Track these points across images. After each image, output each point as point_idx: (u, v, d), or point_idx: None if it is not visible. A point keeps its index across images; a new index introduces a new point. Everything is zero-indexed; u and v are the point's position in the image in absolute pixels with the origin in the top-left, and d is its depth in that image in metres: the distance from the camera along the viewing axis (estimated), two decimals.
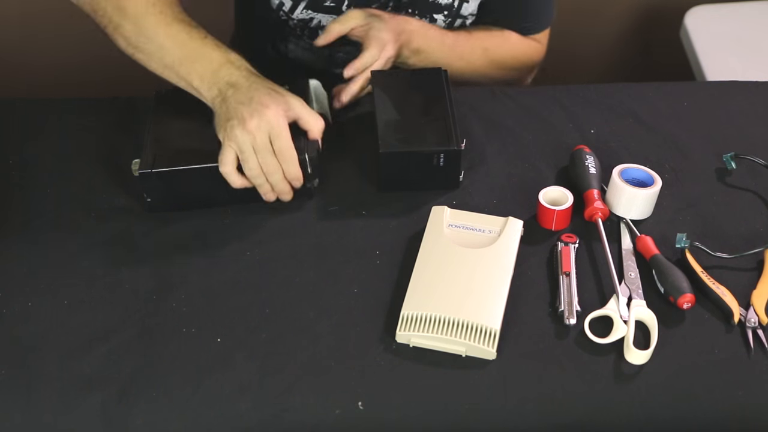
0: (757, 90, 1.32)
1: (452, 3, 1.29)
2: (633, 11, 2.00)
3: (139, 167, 1.06)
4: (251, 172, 1.04)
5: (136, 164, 1.07)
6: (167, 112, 1.14)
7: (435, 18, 1.30)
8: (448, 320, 0.95)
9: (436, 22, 1.30)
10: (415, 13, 1.29)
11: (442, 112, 1.14)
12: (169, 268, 1.04)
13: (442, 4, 1.29)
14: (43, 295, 1.02)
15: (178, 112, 1.13)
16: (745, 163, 1.17)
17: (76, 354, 0.96)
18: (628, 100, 1.28)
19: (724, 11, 1.82)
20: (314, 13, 1.29)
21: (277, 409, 0.91)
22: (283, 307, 1.00)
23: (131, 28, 1.11)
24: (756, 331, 0.98)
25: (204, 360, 0.95)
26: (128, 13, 1.10)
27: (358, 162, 1.17)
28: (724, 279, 1.02)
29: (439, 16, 1.30)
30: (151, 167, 1.06)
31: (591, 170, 1.12)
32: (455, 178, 1.13)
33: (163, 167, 1.06)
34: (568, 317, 0.97)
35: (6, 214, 1.11)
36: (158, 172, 1.06)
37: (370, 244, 1.07)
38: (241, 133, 1.02)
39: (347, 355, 0.95)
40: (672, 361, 0.95)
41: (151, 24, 1.10)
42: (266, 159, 1.04)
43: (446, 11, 1.29)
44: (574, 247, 1.05)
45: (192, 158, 1.07)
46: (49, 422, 0.91)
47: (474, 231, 1.05)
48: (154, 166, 1.06)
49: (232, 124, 1.03)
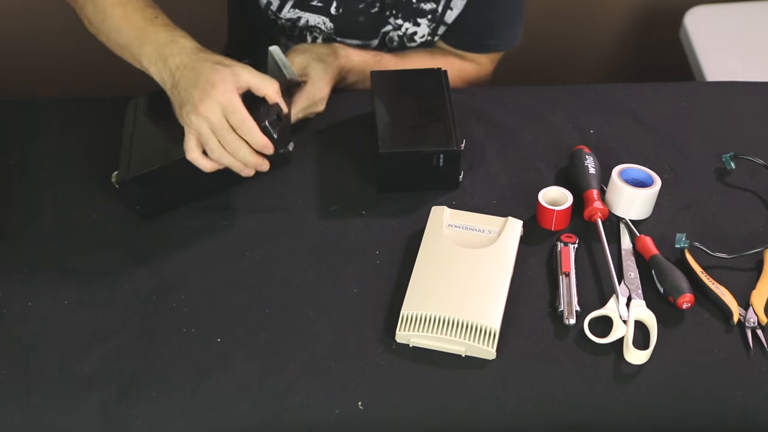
0: (757, 90, 1.32)
1: (436, 8, 1.29)
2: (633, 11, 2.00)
3: (118, 178, 1.07)
4: (214, 154, 1.03)
5: (115, 176, 1.07)
6: (139, 120, 1.14)
7: (419, 22, 1.30)
8: (447, 320, 0.95)
9: (420, 26, 1.30)
10: (398, 17, 1.29)
11: (441, 113, 1.14)
12: (169, 269, 1.04)
13: (426, 9, 1.29)
14: (43, 295, 1.02)
15: (150, 118, 1.13)
16: (745, 163, 1.17)
17: (76, 354, 0.96)
18: (628, 100, 1.28)
19: (724, 11, 1.82)
20: (302, 12, 1.29)
21: (277, 409, 0.91)
22: (283, 307, 1.00)
23: (91, 8, 1.13)
24: (755, 331, 0.98)
25: (204, 360, 0.95)
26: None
27: (358, 162, 1.17)
28: (723, 279, 1.02)
29: (423, 21, 1.30)
30: (127, 175, 1.06)
31: (591, 170, 1.12)
32: (455, 178, 1.13)
33: (139, 172, 1.06)
34: (568, 317, 0.98)
35: (6, 214, 1.11)
36: (136, 177, 1.05)
37: (370, 244, 1.07)
38: (196, 119, 1.01)
39: (347, 355, 0.95)
40: (671, 361, 0.95)
41: (108, 4, 1.11)
42: (226, 138, 1.02)
43: (430, 16, 1.29)
44: (574, 247, 1.05)
45: (166, 156, 1.07)
46: (49, 422, 0.91)
47: (474, 231, 1.05)
48: (130, 173, 1.06)
49: (186, 110, 1.02)
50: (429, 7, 1.28)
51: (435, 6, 1.28)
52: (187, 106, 1.02)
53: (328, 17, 1.29)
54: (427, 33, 1.32)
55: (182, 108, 1.03)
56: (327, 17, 1.29)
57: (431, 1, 1.27)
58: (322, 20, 1.29)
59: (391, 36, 1.33)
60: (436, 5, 1.28)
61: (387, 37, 1.34)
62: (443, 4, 1.28)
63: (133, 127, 1.12)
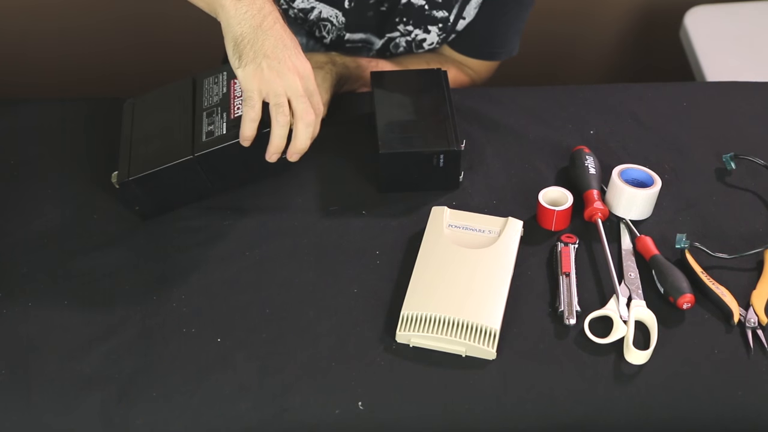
0: (757, 90, 1.32)
1: (448, 17, 1.28)
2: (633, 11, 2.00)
3: (117, 179, 1.06)
4: (280, 113, 1.00)
5: (115, 176, 1.07)
6: (137, 121, 1.14)
7: (429, 29, 1.30)
8: (448, 320, 0.95)
9: (430, 34, 1.30)
10: (409, 23, 1.29)
11: (441, 113, 1.14)
12: (169, 269, 1.04)
13: (438, 17, 1.28)
14: (43, 295, 1.02)
15: (148, 118, 1.13)
16: (745, 164, 1.17)
17: (76, 354, 0.96)
18: (628, 101, 1.28)
19: (724, 11, 1.82)
20: (315, 2, 1.28)
21: (277, 409, 0.91)
22: (283, 307, 1.00)
23: None
24: (756, 331, 0.98)
25: (204, 360, 0.95)
26: None
27: (358, 162, 1.17)
28: (723, 279, 1.02)
29: (434, 29, 1.30)
30: (128, 176, 1.06)
31: (591, 171, 1.12)
32: (455, 178, 1.13)
33: (141, 172, 1.06)
34: (568, 317, 0.98)
35: (6, 214, 1.11)
36: (137, 179, 1.05)
37: (370, 244, 1.07)
38: (281, 72, 1.00)
39: (347, 355, 0.95)
40: (672, 361, 0.95)
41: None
42: (300, 101, 1.01)
43: (441, 24, 1.29)
44: (574, 247, 1.05)
45: (166, 156, 1.06)
46: (49, 422, 0.91)
47: (474, 231, 1.05)
48: (130, 174, 1.06)
49: (269, 63, 1.00)
50: (441, 15, 1.28)
51: (447, 15, 1.28)
52: (273, 62, 1.00)
53: (341, 11, 1.28)
54: (437, 41, 1.32)
55: (266, 59, 1.00)
56: (340, 11, 1.28)
57: (443, 9, 1.27)
58: (335, 13, 1.29)
59: (398, 42, 1.33)
60: (449, 14, 1.28)
61: (392, 43, 1.33)
62: (455, 13, 1.28)
63: (132, 128, 1.12)
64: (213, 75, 1.14)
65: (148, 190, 1.07)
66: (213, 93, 1.11)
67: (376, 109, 1.15)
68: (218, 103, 1.09)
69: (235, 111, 1.07)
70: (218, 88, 1.12)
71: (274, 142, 1.02)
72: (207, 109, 1.09)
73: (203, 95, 1.12)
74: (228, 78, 1.12)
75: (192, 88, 1.12)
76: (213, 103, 1.10)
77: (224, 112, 1.08)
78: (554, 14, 1.93)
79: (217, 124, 1.07)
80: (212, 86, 1.12)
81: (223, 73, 1.13)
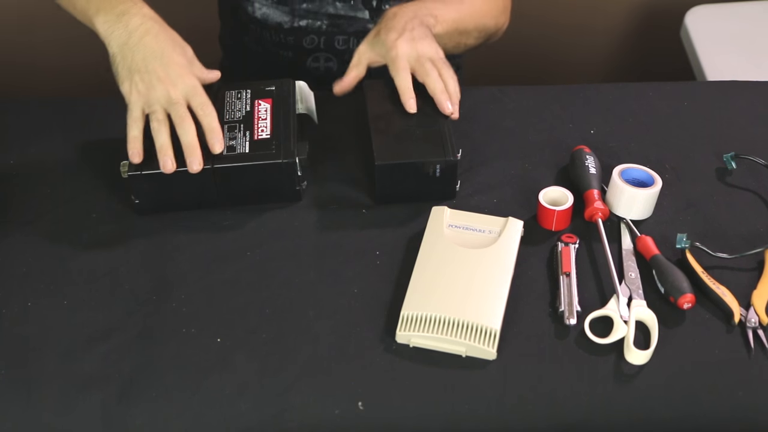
0: (757, 90, 1.32)
1: None
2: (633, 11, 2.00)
3: (128, 169, 1.06)
4: (159, 123, 1.04)
5: (125, 166, 1.07)
6: None
7: None
8: (448, 320, 0.95)
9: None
10: None
11: (437, 122, 1.12)
12: (169, 269, 1.04)
13: None
14: (43, 295, 1.02)
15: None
16: (746, 163, 1.17)
17: (76, 354, 0.96)
18: (628, 100, 1.28)
19: (724, 11, 1.82)
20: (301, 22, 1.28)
21: (277, 409, 0.91)
22: (283, 307, 1.00)
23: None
24: (756, 331, 0.98)
25: (204, 360, 0.95)
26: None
27: (358, 162, 1.17)
28: (724, 279, 1.02)
29: None
30: (140, 169, 1.06)
31: (591, 170, 1.12)
32: (452, 188, 1.12)
33: (153, 169, 1.05)
34: (568, 317, 0.97)
35: (6, 214, 1.11)
36: (148, 174, 1.05)
37: (370, 244, 1.07)
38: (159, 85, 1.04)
39: (347, 355, 0.95)
40: (672, 361, 0.95)
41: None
42: (180, 112, 1.04)
43: None
44: (574, 247, 1.05)
45: (181, 159, 1.06)
46: (49, 422, 0.91)
47: (474, 231, 1.05)
48: (143, 167, 1.06)
49: (143, 77, 1.04)
50: None
51: None
52: (144, 75, 1.04)
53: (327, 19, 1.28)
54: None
55: (137, 73, 1.04)
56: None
57: None
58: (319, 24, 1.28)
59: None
60: None
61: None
62: None
63: None
64: (236, 90, 1.15)
65: (157, 187, 1.07)
66: (235, 108, 1.12)
67: (370, 120, 1.13)
68: (241, 119, 1.11)
69: (259, 133, 1.08)
70: (241, 104, 1.13)
71: (160, 153, 1.04)
72: (228, 123, 1.10)
73: (224, 108, 1.13)
74: (252, 97, 1.14)
75: (213, 98, 1.11)
76: (235, 119, 1.11)
77: (248, 130, 1.09)
78: (554, 14, 1.93)
79: (239, 140, 1.08)
80: (234, 101, 1.13)
81: (247, 90, 1.15)
